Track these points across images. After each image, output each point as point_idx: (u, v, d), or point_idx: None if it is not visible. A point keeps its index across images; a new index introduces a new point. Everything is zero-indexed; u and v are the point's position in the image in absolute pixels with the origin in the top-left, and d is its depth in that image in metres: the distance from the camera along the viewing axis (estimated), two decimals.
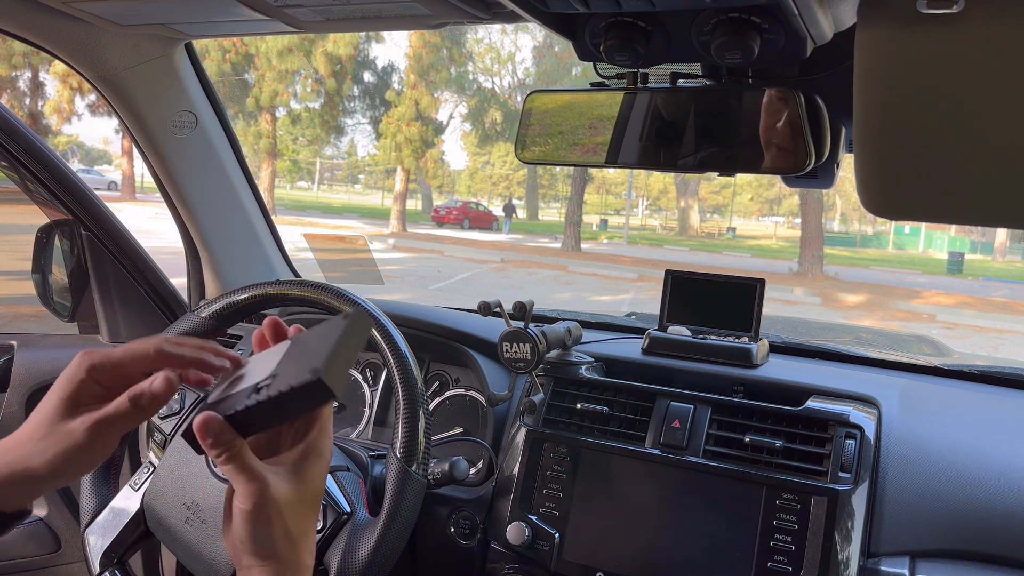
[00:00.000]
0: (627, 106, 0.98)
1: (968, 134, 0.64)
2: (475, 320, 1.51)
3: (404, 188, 22.06)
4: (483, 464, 1.34)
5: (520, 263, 15.96)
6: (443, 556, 1.32)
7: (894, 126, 0.67)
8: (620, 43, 0.87)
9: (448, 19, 1.11)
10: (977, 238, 27.91)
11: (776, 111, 0.89)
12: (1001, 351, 10.00)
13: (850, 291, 14.16)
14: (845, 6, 0.79)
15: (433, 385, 1.50)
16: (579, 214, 19.90)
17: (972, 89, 0.62)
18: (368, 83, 23.02)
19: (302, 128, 23.83)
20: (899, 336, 5.35)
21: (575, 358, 1.33)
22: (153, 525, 1.16)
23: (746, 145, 0.92)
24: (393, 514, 1.01)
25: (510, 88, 24.46)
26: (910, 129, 0.67)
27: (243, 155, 1.73)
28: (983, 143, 0.64)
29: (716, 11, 0.80)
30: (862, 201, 0.73)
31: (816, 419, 1.13)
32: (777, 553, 1.06)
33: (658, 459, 1.17)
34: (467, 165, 36.61)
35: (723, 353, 1.29)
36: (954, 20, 0.59)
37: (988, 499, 1.03)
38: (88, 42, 1.38)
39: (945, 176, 0.68)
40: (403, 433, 1.04)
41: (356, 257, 11.56)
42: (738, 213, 35.25)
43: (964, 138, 0.65)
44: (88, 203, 1.59)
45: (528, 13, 0.85)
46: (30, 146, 1.48)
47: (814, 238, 16.49)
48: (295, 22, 1.17)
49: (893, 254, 28.03)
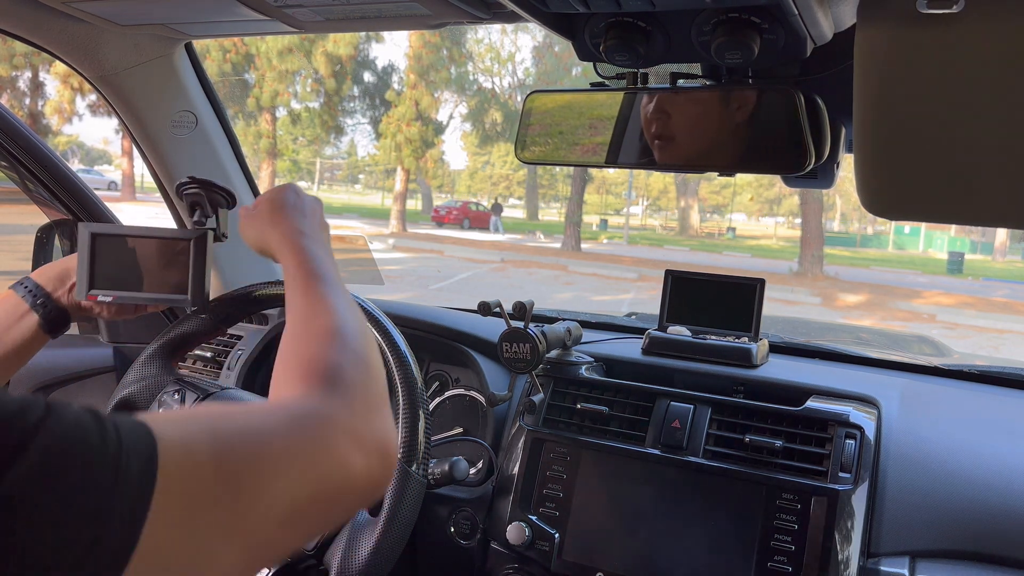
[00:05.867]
0: (627, 106, 0.98)
1: (968, 134, 0.64)
2: (475, 320, 1.51)
3: (404, 188, 22.07)
4: (483, 464, 1.34)
5: (520, 263, 15.96)
6: (443, 556, 1.32)
7: (894, 126, 0.67)
8: (620, 43, 0.87)
9: (448, 19, 1.11)
10: (977, 238, 27.91)
11: (776, 111, 0.89)
12: (1002, 351, 10.00)
13: (850, 291, 14.16)
14: (845, 6, 0.79)
15: (433, 385, 1.50)
16: (579, 214, 19.91)
17: (972, 89, 0.62)
18: (368, 83, 23.03)
19: (302, 128, 23.82)
20: (899, 336, 5.35)
21: (575, 358, 1.33)
22: None
23: (746, 145, 0.92)
24: (393, 514, 1.00)
25: (510, 88, 24.46)
26: (910, 129, 0.67)
27: (243, 155, 1.73)
28: (983, 143, 0.64)
29: (716, 11, 0.80)
30: (862, 201, 0.73)
31: (816, 419, 1.13)
32: (777, 553, 1.06)
33: (658, 459, 1.17)
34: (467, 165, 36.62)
35: (723, 353, 1.28)
36: (954, 20, 0.59)
37: (988, 499, 1.03)
38: (88, 42, 1.38)
39: (945, 176, 0.68)
40: (403, 433, 1.04)
41: (356, 257, 11.54)
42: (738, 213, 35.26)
43: (964, 138, 0.65)
44: (88, 203, 1.59)
45: (528, 13, 0.85)
46: (30, 146, 1.48)
47: (814, 238, 16.50)
48: (295, 22, 1.17)
49: (893, 254, 28.03)
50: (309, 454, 0.54)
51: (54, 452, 0.40)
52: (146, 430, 0.45)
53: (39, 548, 0.39)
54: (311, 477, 0.53)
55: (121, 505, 0.42)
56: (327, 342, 0.68)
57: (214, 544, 0.47)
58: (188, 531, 0.45)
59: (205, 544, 0.46)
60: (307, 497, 0.53)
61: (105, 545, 0.41)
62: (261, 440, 0.52)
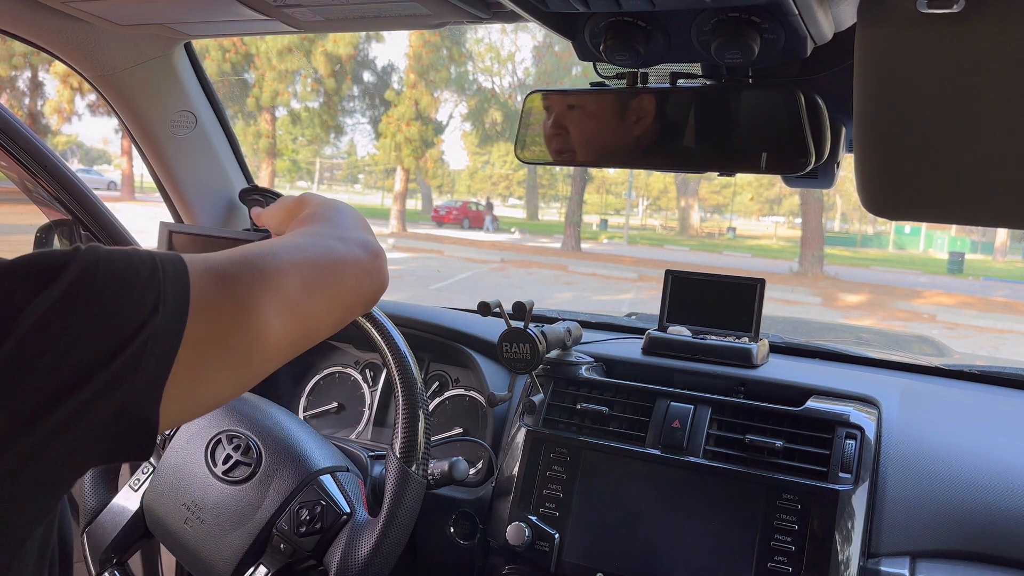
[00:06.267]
0: (627, 106, 0.97)
1: (968, 134, 0.64)
2: (475, 320, 1.51)
3: (404, 188, 22.07)
4: (483, 464, 1.34)
5: (520, 263, 15.96)
6: (443, 556, 1.31)
7: (894, 126, 0.67)
8: (620, 43, 0.86)
9: (448, 19, 1.10)
10: (978, 238, 27.88)
11: (776, 111, 0.89)
12: (1002, 351, 10.00)
13: (851, 291, 14.17)
14: (845, 6, 0.79)
15: (433, 385, 1.50)
16: (579, 214, 19.92)
17: (972, 89, 0.62)
18: (368, 83, 23.02)
19: (302, 128, 23.81)
20: (899, 336, 5.35)
21: (575, 358, 1.33)
22: (152, 525, 1.16)
23: (746, 145, 0.92)
24: (393, 514, 1.00)
25: (510, 88, 24.44)
26: (910, 129, 0.66)
27: (243, 155, 1.73)
28: (983, 143, 0.64)
29: (716, 11, 0.80)
30: (862, 201, 0.73)
31: (816, 419, 1.13)
32: (777, 553, 1.05)
33: (658, 459, 1.17)
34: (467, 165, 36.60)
35: (723, 353, 1.28)
36: (954, 20, 0.59)
37: (989, 499, 1.03)
38: (88, 42, 1.38)
39: (945, 176, 0.67)
40: (403, 433, 1.04)
41: None
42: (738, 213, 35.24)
43: (964, 138, 0.65)
44: (88, 203, 1.59)
45: (528, 13, 0.85)
46: (30, 146, 1.48)
47: (814, 238, 16.50)
48: (294, 22, 1.16)
49: (894, 254, 28.01)
50: (302, 246, 0.69)
51: (102, 257, 0.52)
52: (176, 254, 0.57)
53: (93, 332, 0.50)
54: (308, 256, 0.68)
55: (165, 287, 0.53)
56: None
57: (256, 313, 0.59)
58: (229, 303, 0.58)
59: (247, 316, 0.58)
60: (311, 265, 0.67)
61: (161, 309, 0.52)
62: (269, 245, 0.67)
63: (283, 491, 1.07)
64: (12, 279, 0.49)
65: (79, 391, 0.49)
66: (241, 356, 0.59)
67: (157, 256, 0.55)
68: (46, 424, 0.48)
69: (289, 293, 0.63)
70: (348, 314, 0.73)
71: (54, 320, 0.48)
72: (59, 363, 0.48)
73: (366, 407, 1.53)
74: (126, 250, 0.54)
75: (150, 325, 0.51)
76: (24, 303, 0.48)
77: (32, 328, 0.48)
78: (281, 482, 1.08)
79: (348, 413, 1.55)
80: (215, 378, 0.58)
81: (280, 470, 1.09)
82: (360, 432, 1.52)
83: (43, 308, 0.48)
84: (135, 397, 0.51)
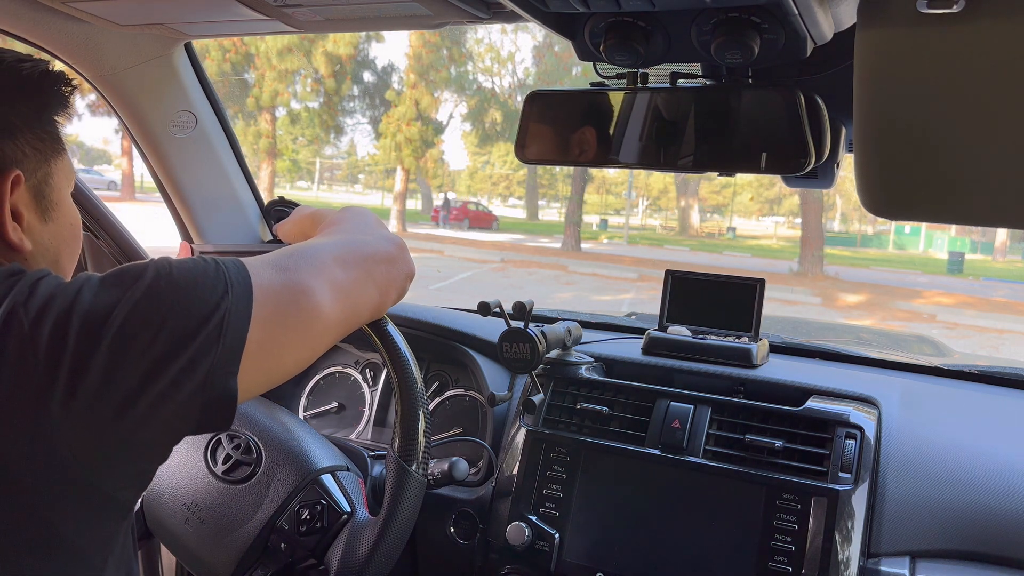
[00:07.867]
0: (627, 106, 0.98)
1: (968, 134, 0.64)
2: (475, 320, 1.51)
3: (404, 188, 22.06)
4: (483, 464, 1.34)
5: (520, 263, 15.96)
6: (443, 556, 1.31)
7: (894, 126, 0.67)
8: (620, 43, 0.87)
9: (448, 19, 1.10)
10: (977, 238, 27.86)
11: (776, 111, 0.89)
12: (1002, 351, 10.00)
13: (850, 291, 14.16)
14: (845, 6, 0.79)
15: (433, 385, 1.50)
16: (579, 214, 19.91)
17: (972, 89, 0.62)
18: (368, 83, 23.00)
19: (302, 128, 23.79)
20: (899, 336, 5.35)
21: (575, 358, 1.33)
22: (153, 525, 1.16)
23: (746, 145, 0.92)
24: (393, 514, 1.00)
25: (510, 88, 24.42)
26: (910, 129, 0.66)
27: (243, 155, 1.73)
28: (983, 143, 0.64)
29: (716, 11, 0.80)
30: (862, 201, 0.73)
31: (816, 419, 1.13)
32: (777, 553, 1.05)
33: (658, 459, 1.17)
34: (467, 165, 36.58)
35: (723, 353, 1.28)
36: (954, 20, 0.59)
37: (988, 499, 1.03)
38: (88, 42, 1.38)
39: (945, 176, 0.67)
40: (403, 433, 1.03)
41: None
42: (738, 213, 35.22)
43: (964, 138, 0.65)
44: (87, 203, 1.59)
45: (528, 13, 0.85)
46: None
47: (814, 238, 16.49)
48: (294, 22, 1.16)
49: (894, 254, 28.00)
50: (337, 242, 0.81)
51: (173, 263, 0.65)
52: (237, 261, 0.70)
53: (180, 322, 0.62)
54: (344, 249, 0.80)
55: (231, 276, 0.66)
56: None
57: (310, 295, 0.71)
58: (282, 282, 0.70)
59: (303, 297, 0.70)
60: (348, 255, 0.80)
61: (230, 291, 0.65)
62: (308, 243, 0.81)
63: (283, 491, 1.07)
64: (104, 286, 0.62)
65: (171, 366, 0.60)
66: (300, 333, 0.70)
67: (218, 258, 0.67)
68: (147, 397, 0.59)
69: (335, 276, 0.75)
70: (385, 298, 0.85)
71: (144, 308, 0.61)
72: (152, 341, 0.60)
73: (366, 407, 1.53)
74: (191, 258, 0.67)
75: (224, 304, 0.64)
76: (116, 301, 0.61)
77: (127, 317, 0.60)
78: (281, 482, 1.08)
79: (348, 413, 1.55)
80: (280, 352, 0.68)
81: (280, 470, 1.09)
82: (360, 432, 1.52)
83: (133, 301, 0.61)
84: (217, 369, 0.62)
